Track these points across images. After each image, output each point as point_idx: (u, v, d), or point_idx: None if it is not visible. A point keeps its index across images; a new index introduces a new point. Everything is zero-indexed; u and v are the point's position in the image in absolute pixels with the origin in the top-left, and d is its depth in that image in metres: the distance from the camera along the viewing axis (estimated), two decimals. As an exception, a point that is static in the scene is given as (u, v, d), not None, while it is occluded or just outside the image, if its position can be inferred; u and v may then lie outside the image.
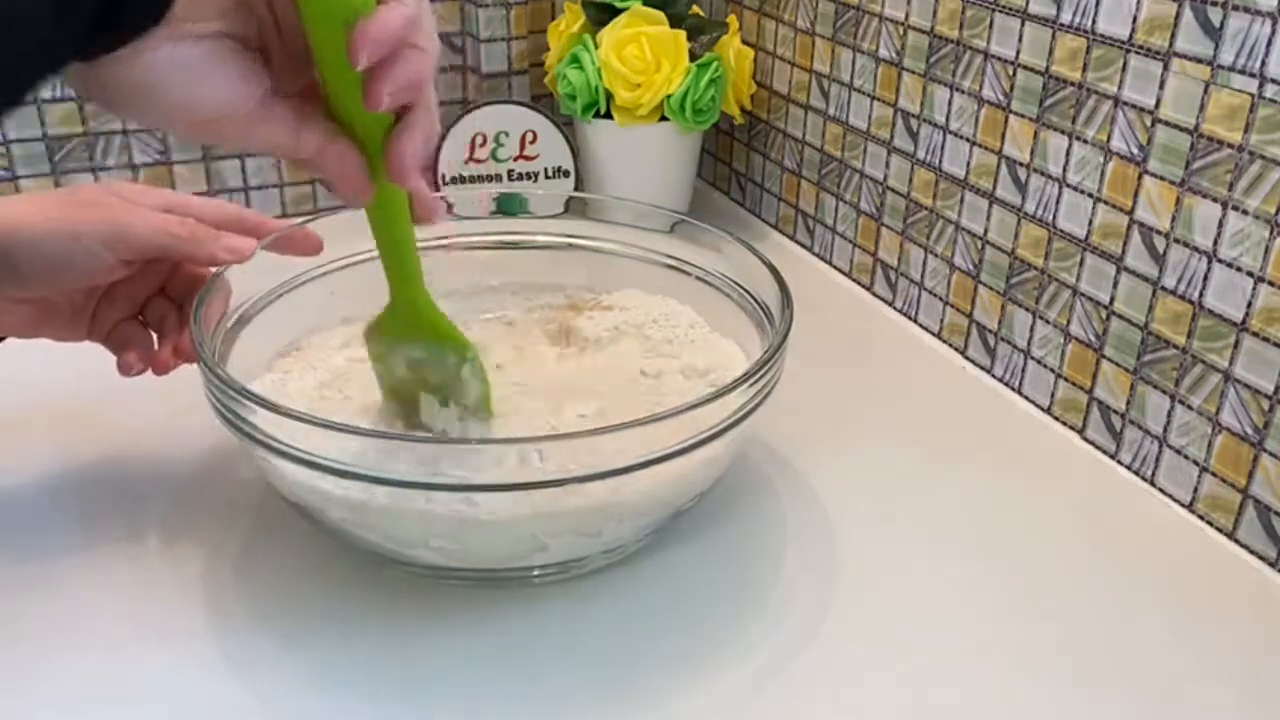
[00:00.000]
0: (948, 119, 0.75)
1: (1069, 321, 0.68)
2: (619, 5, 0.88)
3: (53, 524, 0.59)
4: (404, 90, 0.42)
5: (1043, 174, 0.68)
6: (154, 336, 0.59)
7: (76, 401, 0.66)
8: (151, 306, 0.59)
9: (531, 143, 0.94)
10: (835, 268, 0.90)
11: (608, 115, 0.89)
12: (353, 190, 0.45)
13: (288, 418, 0.49)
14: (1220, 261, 0.58)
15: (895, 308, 0.84)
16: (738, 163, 1.02)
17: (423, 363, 0.54)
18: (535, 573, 0.54)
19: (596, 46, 0.88)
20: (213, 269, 0.58)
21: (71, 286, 0.56)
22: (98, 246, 0.53)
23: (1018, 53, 0.68)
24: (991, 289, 0.74)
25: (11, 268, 0.52)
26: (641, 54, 0.87)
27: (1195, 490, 0.61)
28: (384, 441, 0.49)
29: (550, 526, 0.51)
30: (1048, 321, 0.70)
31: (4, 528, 0.58)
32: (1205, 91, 0.57)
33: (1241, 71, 0.55)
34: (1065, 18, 0.64)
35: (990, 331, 0.75)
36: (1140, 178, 0.61)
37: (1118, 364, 0.65)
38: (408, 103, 0.43)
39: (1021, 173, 0.69)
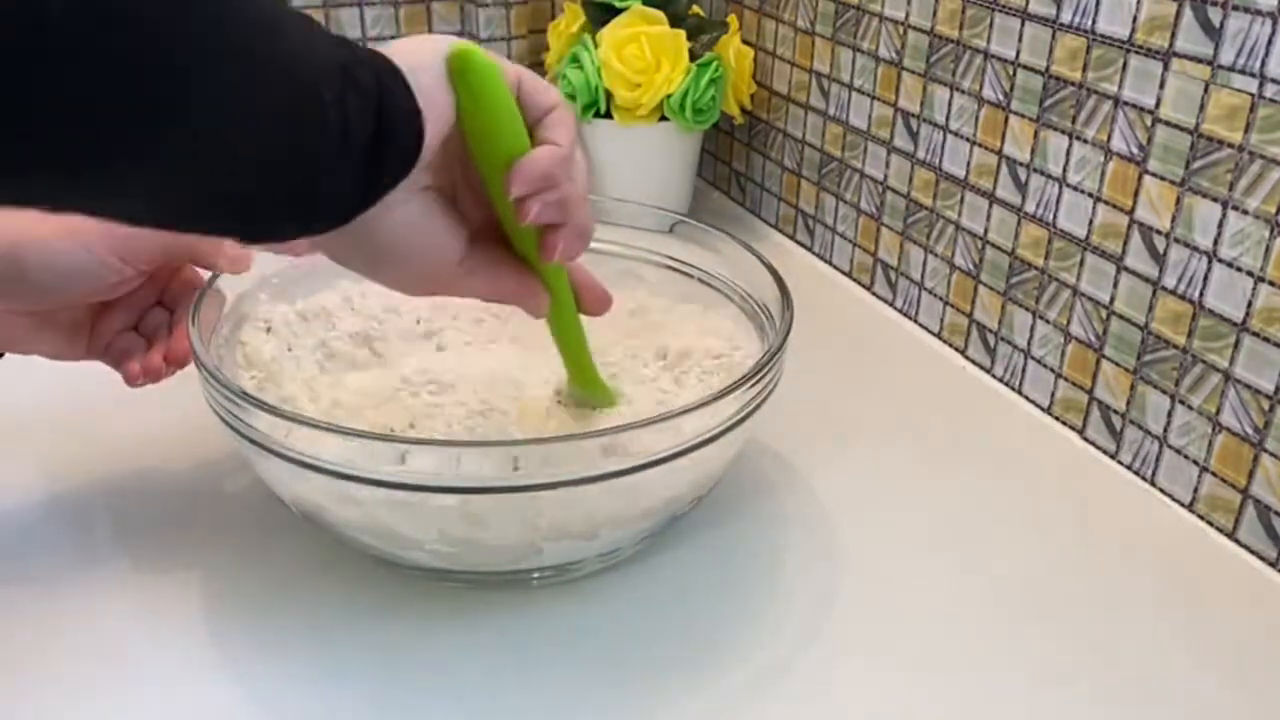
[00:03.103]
0: (948, 119, 0.75)
1: (1069, 321, 0.68)
2: (619, 5, 0.88)
3: (49, 526, 0.59)
4: (550, 209, 0.46)
5: (1043, 174, 0.68)
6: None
7: (73, 407, 0.66)
8: (148, 317, 0.59)
9: (531, 143, 0.94)
10: (835, 268, 0.90)
11: (608, 115, 0.89)
12: (535, 303, 0.51)
13: (286, 420, 0.49)
14: (1220, 261, 0.58)
15: (895, 308, 0.84)
16: (738, 163, 1.02)
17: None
18: (534, 575, 0.54)
19: (596, 46, 0.88)
20: (206, 275, 0.58)
21: (84, 298, 0.55)
22: (110, 256, 0.53)
23: (1018, 53, 0.68)
24: (991, 289, 0.74)
25: (21, 277, 0.52)
26: (641, 54, 0.87)
27: (1195, 490, 0.61)
28: (381, 444, 0.49)
29: (546, 530, 0.51)
30: (1048, 321, 0.69)
31: (3, 528, 0.58)
32: (1205, 91, 0.57)
33: (1241, 71, 0.55)
34: (1065, 18, 0.64)
35: (990, 331, 0.74)
36: (1140, 178, 0.61)
37: (1118, 364, 0.65)
38: (558, 221, 0.47)
39: (1021, 173, 0.69)
